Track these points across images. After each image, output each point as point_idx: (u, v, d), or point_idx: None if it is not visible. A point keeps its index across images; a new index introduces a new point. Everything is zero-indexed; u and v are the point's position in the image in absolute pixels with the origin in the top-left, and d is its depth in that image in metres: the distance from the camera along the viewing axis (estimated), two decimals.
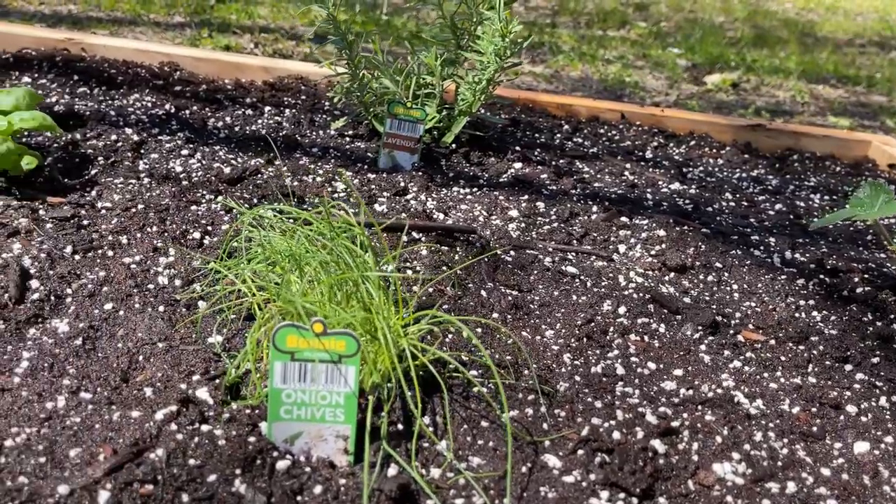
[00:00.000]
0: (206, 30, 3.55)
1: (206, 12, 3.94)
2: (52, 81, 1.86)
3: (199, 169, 1.50)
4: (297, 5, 4.42)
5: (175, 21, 3.75)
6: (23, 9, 3.58)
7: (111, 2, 3.81)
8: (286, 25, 3.99)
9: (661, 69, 4.24)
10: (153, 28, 3.54)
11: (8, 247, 1.13)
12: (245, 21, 3.89)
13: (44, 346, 0.95)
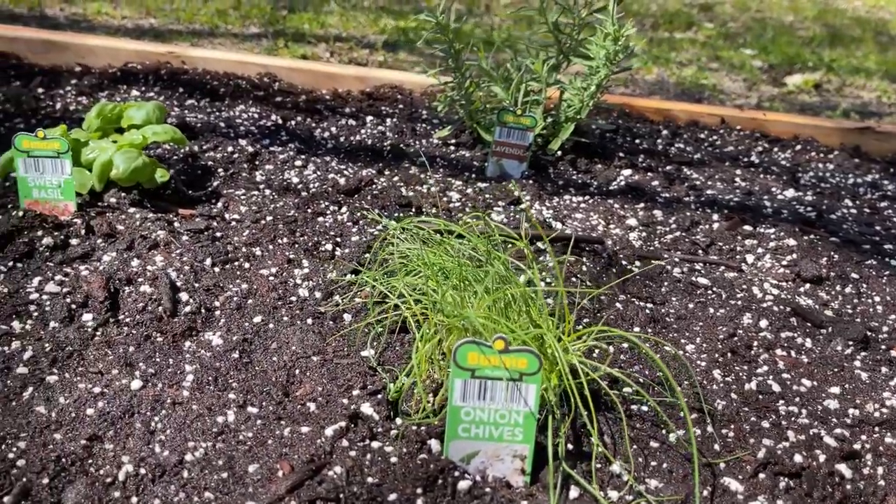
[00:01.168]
0: (281, 40, 3.61)
1: (279, 22, 4.00)
2: (158, 94, 1.91)
3: (315, 180, 1.50)
4: (366, 14, 4.45)
5: (250, 32, 3.82)
6: (107, 23, 3.70)
7: (189, 14, 3.91)
8: (357, 34, 4.03)
9: (738, 71, 4.12)
10: (231, 39, 3.61)
11: (151, 259, 1.14)
12: (317, 30, 3.94)
13: (203, 360, 0.95)
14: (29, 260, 1.11)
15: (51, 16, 3.58)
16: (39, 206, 1.23)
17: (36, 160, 1.21)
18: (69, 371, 0.92)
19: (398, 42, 3.90)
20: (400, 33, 4.06)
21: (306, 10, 4.34)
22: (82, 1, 3.90)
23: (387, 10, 4.63)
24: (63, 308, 1.01)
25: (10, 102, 1.76)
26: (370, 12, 4.52)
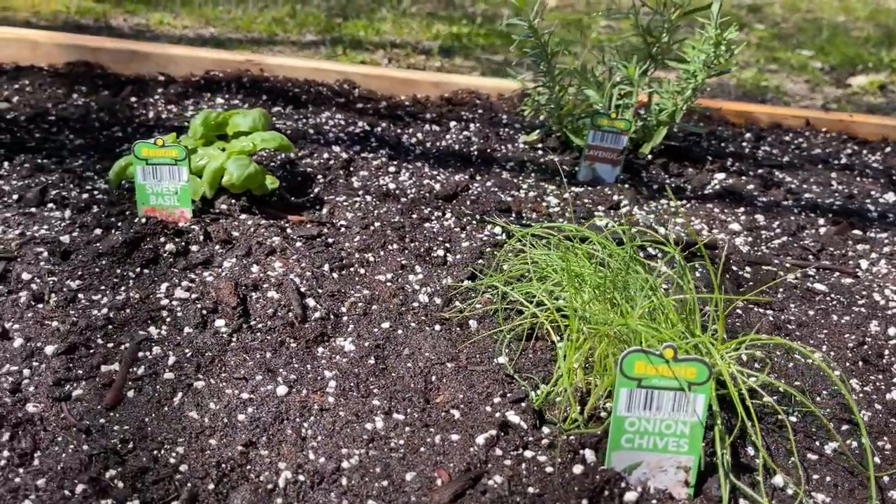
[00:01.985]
0: (340, 47, 3.63)
1: (334, 30, 4.04)
2: (242, 101, 1.93)
3: (411, 186, 1.50)
4: (417, 20, 4.47)
5: (307, 39, 3.86)
6: (169, 33, 3.77)
7: (247, 23, 3.97)
8: (411, 40, 4.04)
9: (798, 72, 4.04)
10: (290, 46, 3.65)
11: (270, 265, 1.15)
12: (373, 37, 3.97)
13: (341, 366, 0.95)
14: (155, 266, 1.12)
15: (115, 26, 3.66)
16: (156, 212, 1.24)
17: (154, 167, 1.22)
18: (214, 377, 0.92)
19: (452, 47, 3.90)
20: (453, 39, 4.07)
21: (359, 17, 4.37)
22: (144, 11, 3.98)
23: (434, 15, 4.64)
24: (195, 314, 1.02)
25: (103, 111, 1.79)
26: (421, 18, 4.53)
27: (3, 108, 1.78)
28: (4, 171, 1.41)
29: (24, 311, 1.00)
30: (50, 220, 1.24)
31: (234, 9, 4.27)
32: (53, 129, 1.68)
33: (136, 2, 4.16)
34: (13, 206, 1.28)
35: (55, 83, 1.97)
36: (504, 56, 3.81)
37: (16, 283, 1.05)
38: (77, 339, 0.96)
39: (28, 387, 0.88)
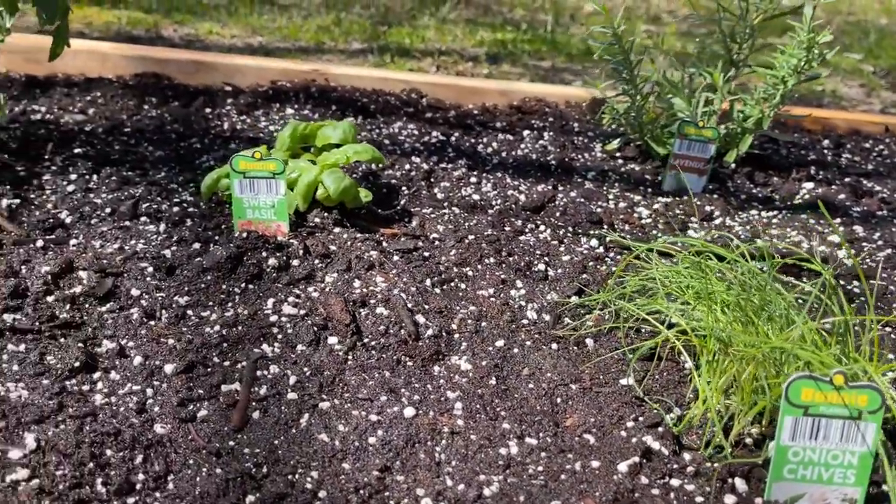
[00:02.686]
0: (387, 55, 3.63)
1: (380, 38, 4.04)
2: (312, 111, 1.92)
3: (495, 197, 1.48)
4: (459, 27, 4.45)
5: (354, 47, 3.87)
6: (219, 42, 3.80)
7: (293, 31, 3.99)
8: (457, 47, 4.02)
9: (851, 76, 3.95)
10: (338, 55, 3.66)
11: (372, 280, 1.13)
12: (419, 45, 3.96)
13: (462, 386, 0.93)
14: (259, 281, 1.11)
15: (167, 37, 3.69)
16: (252, 226, 1.23)
17: (252, 181, 1.21)
18: (337, 397, 0.90)
19: (499, 54, 3.87)
20: (498, 45, 4.04)
21: (401, 24, 4.37)
22: (192, 21, 4.02)
23: (475, 22, 4.62)
24: (307, 331, 1.00)
25: (178, 123, 1.80)
26: (464, 25, 4.52)
27: (80, 119, 1.79)
28: (94, 184, 1.41)
29: (137, 328, 0.99)
30: (146, 233, 1.24)
31: (279, 17, 4.29)
32: (131, 142, 1.68)
33: (184, 12, 4.20)
34: (108, 220, 1.28)
35: (126, 95, 1.98)
36: (552, 62, 3.78)
37: (125, 300, 1.04)
38: (194, 357, 0.94)
39: (153, 407, 0.87)
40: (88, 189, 1.39)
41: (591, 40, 1.68)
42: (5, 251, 1.15)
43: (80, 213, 1.29)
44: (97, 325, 0.99)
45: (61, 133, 1.67)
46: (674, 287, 0.96)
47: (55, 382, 0.89)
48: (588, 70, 3.70)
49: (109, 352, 0.95)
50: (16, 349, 0.94)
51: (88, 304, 1.03)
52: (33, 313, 0.99)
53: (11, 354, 0.93)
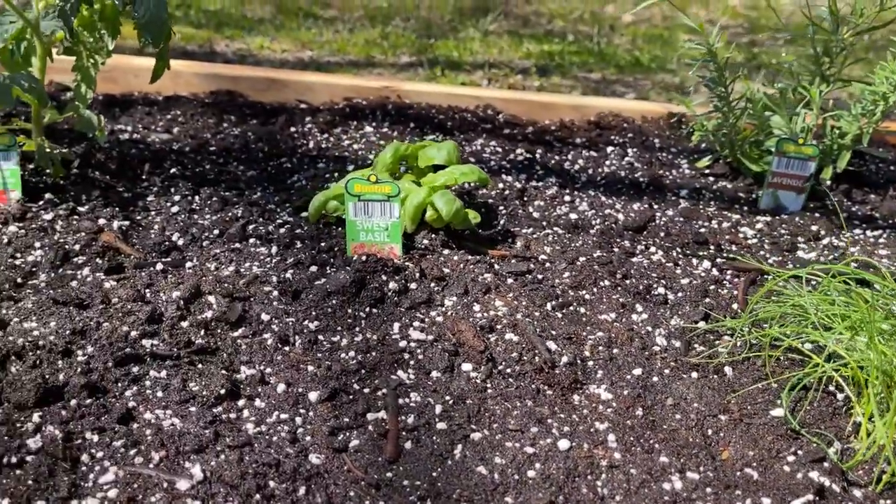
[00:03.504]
0: (437, 68, 3.64)
1: (427, 51, 4.05)
2: (391, 129, 1.92)
3: (592, 216, 1.46)
4: (503, 39, 4.45)
5: (403, 61, 3.88)
6: (270, 57, 3.84)
7: (342, 45, 4.02)
8: (504, 59, 4.02)
9: None
10: (388, 69, 3.67)
11: (492, 304, 1.12)
12: (466, 57, 3.96)
13: (609, 416, 0.91)
14: (382, 305, 1.10)
15: (219, 52, 3.74)
16: (365, 248, 1.23)
17: (366, 203, 1.21)
18: (486, 427, 0.89)
19: (547, 66, 3.86)
20: (546, 57, 4.03)
21: (444, 37, 4.38)
22: (243, 36, 4.06)
23: (516, 34, 4.62)
24: (440, 357, 1.00)
25: (261, 141, 1.81)
26: (509, 37, 4.52)
27: (166, 138, 1.81)
28: (196, 205, 1.42)
29: (273, 353, 0.99)
30: (258, 256, 1.24)
31: (325, 31, 4.33)
32: (220, 161, 1.69)
33: (233, 27, 4.25)
34: (218, 242, 1.29)
35: (205, 113, 2.00)
36: (601, 74, 3.76)
37: (257, 325, 1.04)
38: (335, 384, 0.94)
39: (304, 436, 0.86)
40: (192, 210, 1.40)
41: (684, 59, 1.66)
42: (128, 274, 1.16)
43: (190, 234, 1.30)
44: (232, 351, 1.00)
45: (152, 152, 1.69)
46: (821, 315, 0.94)
47: (204, 410, 0.89)
48: (639, 82, 3.68)
49: (250, 378, 0.95)
50: (158, 375, 0.95)
51: (220, 329, 1.03)
52: (170, 339, 1.00)
53: (154, 381, 0.94)
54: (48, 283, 1.15)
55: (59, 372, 0.94)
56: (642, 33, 4.83)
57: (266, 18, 4.69)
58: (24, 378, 0.91)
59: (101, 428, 0.85)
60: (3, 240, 1.22)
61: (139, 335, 0.99)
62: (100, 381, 0.92)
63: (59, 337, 0.99)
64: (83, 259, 1.21)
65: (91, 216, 1.32)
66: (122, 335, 0.99)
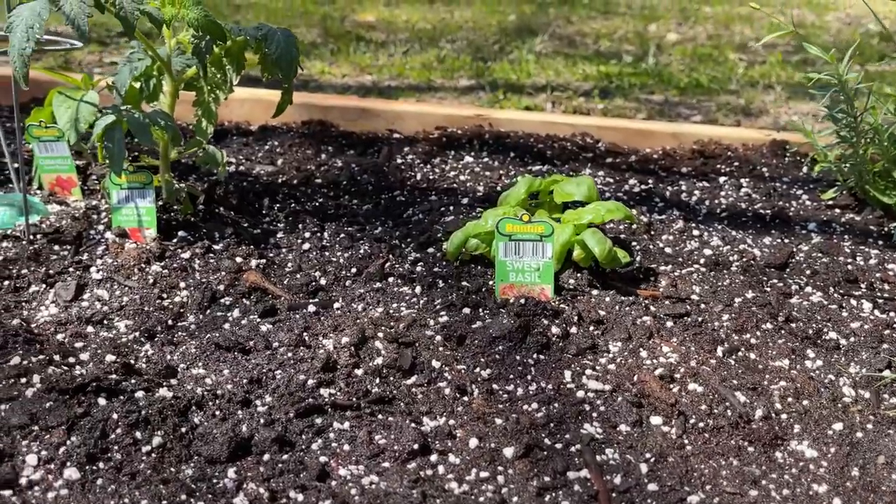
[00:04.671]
0: (500, 91, 3.63)
1: (483, 73, 4.05)
2: (492, 159, 1.90)
3: (728, 252, 1.42)
4: (555, 60, 4.43)
5: (462, 84, 3.88)
6: (331, 82, 3.86)
7: (400, 69, 4.03)
8: (562, 81, 4.00)
9: None
10: (451, 92, 3.67)
11: (659, 350, 1.08)
12: (524, 80, 3.95)
13: (824, 478, 0.87)
14: (548, 351, 1.07)
15: None
16: (515, 289, 1.20)
17: (517, 243, 1.18)
18: (700, 489, 0.85)
19: (608, 88, 3.84)
20: (603, 78, 4.01)
21: (498, 59, 4.38)
22: (302, 61, 4.09)
23: (566, 55, 4.61)
24: (625, 410, 0.96)
25: (366, 173, 1.79)
26: (561, 58, 4.51)
27: (272, 171, 1.80)
28: (326, 241, 1.40)
29: (453, 404, 0.96)
30: (403, 296, 1.22)
31: (379, 55, 4.35)
32: (330, 194, 1.68)
33: None
34: (359, 281, 1.26)
35: (302, 144, 1.99)
36: (663, 96, 3.73)
37: (429, 373, 1.01)
38: (528, 439, 0.90)
39: (511, 496, 0.83)
40: (323, 247, 1.38)
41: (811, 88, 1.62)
42: (283, 317, 1.14)
43: (331, 274, 1.28)
44: (410, 401, 0.97)
45: (263, 185, 1.68)
46: None
47: (399, 466, 0.86)
48: (702, 104, 3.64)
49: (436, 431, 0.92)
50: (341, 427, 0.92)
51: (393, 376, 1.00)
52: (347, 388, 0.97)
53: (339, 433, 0.91)
54: (199, 326, 1.13)
55: (241, 423, 0.91)
56: (690, 52, 4.80)
57: (318, 42, 4.73)
58: (214, 431, 0.88)
59: (303, 486, 0.82)
60: (149, 280, 1.21)
61: (316, 384, 0.97)
62: (285, 434, 0.90)
63: (237, 386, 0.97)
64: (230, 300, 1.19)
65: (227, 254, 1.31)
66: (299, 384, 0.97)
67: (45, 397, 0.91)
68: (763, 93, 3.78)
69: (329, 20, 5.36)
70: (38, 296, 1.18)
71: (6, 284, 1.19)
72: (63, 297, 1.17)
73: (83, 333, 1.10)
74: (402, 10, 6.19)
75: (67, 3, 1.18)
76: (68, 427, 0.87)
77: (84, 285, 1.20)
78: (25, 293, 1.18)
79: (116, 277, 1.21)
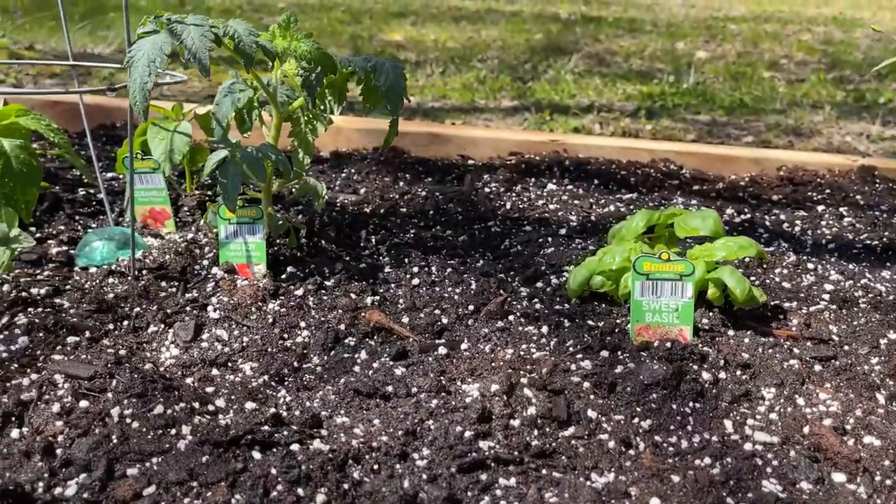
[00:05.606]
0: (545, 112, 3.60)
1: (525, 94, 4.03)
2: (575, 186, 1.86)
3: (851, 287, 1.36)
4: (597, 80, 4.41)
5: (505, 105, 3.85)
6: None
7: (442, 90, 4.01)
8: (604, 101, 3.97)
9: None
10: (496, 113, 3.65)
11: (816, 397, 1.03)
12: (567, 100, 3.92)
13: None
14: (702, 399, 1.02)
15: None
16: (651, 331, 1.15)
17: (654, 283, 1.14)
18: None
19: (652, 108, 3.81)
20: (645, 98, 3.98)
21: (533, 79, 4.36)
22: None
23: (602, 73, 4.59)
24: (804, 465, 0.90)
25: (453, 203, 1.75)
26: (599, 77, 4.48)
27: (356, 200, 1.77)
28: (435, 276, 1.36)
29: (620, 459, 0.91)
30: (530, 336, 1.17)
31: (418, 76, 4.33)
32: (421, 224, 1.64)
33: None
34: (481, 320, 1.22)
35: (379, 171, 1.96)
36: (710, 116, 3.69)
37: (587, 424, 0.96)
38: (710, 498, 0.85)
39: None
40: (433, 283, 1.34)
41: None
42: (415, 360, 1.10)
43: (449, 312, 1.23)
44: (573, 454, 0.91)
45: (351, 215, 1.65)
46: None
47: None
48: (751, 124, 3.60)
49: (609, 488, 0.86)
50: (508, 483, 0.87)
51: (550, 427, 0.95)
52: (505, 440, 0.92)
53: (506, 490, 0.86)
54: (326, 368, 1.09)
55: (402, 478, 0.86)
56: (723, 70, 4.77)
57: None
58: (382, 489, 0.83)
59: None
60: (268, 319, 1.17)
61: (473, 436, 0.92)
62: (452, 491, 0.85)
63: (392, 438, 0.92)
64: (354, 340, 1.15)
65: (340, 291, 1.26)
66: (456, 436, 0.92)
67: (198, 450, 0.86)
68: (811, 112, 3.74)
69: (358, 40, 5.36)
70: (158, 336, 1.13)
71: (125, 325, 1.15)
72: (182, 337, 1.13)
73: (210, 377, 1.06)
74: (428, 30, 6.20)
75: (189, 37, 1.15)
76: (229, 484, 0.82)
77: (202, 325, 1.16)
78: (145, 333, 1.14)
79: (234, 316, 1.17)
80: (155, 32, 1.16)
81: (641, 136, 3.35)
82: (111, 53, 4.43)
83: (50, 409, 0.92)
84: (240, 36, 1.20)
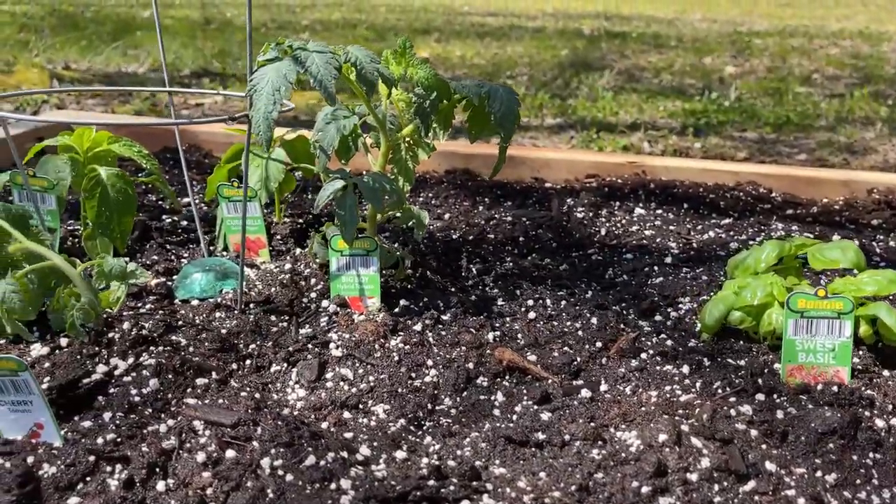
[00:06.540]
0: (592, 130, 3.54)
1: (567, 112, 3.98)
2: (665, 211, 1.80)
3: None
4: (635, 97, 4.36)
5: (548, 123, 3.80)
6: None
7: None
8: (645, 118, 3.92)
9: None
10: (542, 132, 3.60)
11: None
12: (609, 118, 3.87)
13: None
14: (881, 449, 0.95)
15: None
16: (804, 371, 1.08)
17: (809, 321, 1.07)
18: None
19: (698, 125, 3.75)
20: (688, 115, 3.93)
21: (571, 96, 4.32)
22: None
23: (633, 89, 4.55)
24: None
25: (541, 228, 1.69)
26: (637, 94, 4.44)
27: (441, 226, 1.70)
28: (551, 309, 1.29)
29: None
30: (671, 377, 1.10)
31: None
32: (515, 251, 1.57)
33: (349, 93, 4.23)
34: (614, 358, 1.15)
35: (457, 195, 1.90)
36: (758, 133, 3.64)
37: (767, 478, 0.89)
38: None
39: None
40: (550, 316, 1.27)
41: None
42: (558, 403, 1.03)
43: (579, 349, 1.17)
44: None
45: (443, 243, 1.58)
46: None
47: None
48: (800, 141, 3.54)
49: None
50: None
51: (727, 481, 0.88)
52: (684, 496, 0.85)
53: None
54: (461, 411, 1.02)
55: None
56: (756, 86, 4.72)
57: None
58: None
59: None
60: (393, 357, 1.11)
61: (651, 491, 0.85)
62: None
63: (564, 493, 0.85)
64: (486, 381, 1.08)
65: (459, 326, 1.20)
66: (633, 491, 0.85)
67: None
68: (861, 129, 3.68)
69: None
70: (282, 376, 1.07)
71: (248, 364, 1.08)
72: (307, 377, 1.07)
73: (343, 420, 0.99)
74: (453, 46, 6.18)
75: (314, 65, 1.10)
76: None
77: (325, 363, 1.09)
78: (268, 373, 1.08)
79: (357, 354, 1.11)
80: (276, 59, 1.11)
81: (693, 155, 3.30)
82: (144, 73, 4.41)
83: (194, 458, 0.86)
84: (362, 63, 1.15)
